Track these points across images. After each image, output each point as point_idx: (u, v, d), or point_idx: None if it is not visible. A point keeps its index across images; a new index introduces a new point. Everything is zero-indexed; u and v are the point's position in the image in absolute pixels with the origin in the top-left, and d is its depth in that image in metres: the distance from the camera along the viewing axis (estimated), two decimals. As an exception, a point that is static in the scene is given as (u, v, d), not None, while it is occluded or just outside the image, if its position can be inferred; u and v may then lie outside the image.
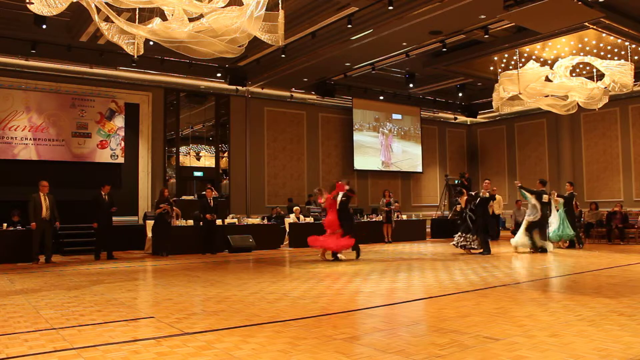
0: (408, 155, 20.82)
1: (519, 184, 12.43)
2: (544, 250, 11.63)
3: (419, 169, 21.19)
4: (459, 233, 11.57)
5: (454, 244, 11.63)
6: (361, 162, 19.50)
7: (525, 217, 12.06)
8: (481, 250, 11.42)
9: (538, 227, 11.79)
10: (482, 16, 11.75)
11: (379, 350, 3.74)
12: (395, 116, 20.51)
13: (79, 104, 14.50)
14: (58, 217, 11.00)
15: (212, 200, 12.80)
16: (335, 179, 18.80)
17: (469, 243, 11.33)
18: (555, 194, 13.23)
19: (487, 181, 12.39)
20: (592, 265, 8.94)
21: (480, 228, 11.42)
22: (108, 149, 14.83)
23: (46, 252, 10.82)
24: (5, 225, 11.28)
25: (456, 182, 20.54)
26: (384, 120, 20.24)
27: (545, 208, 11.97)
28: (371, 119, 19.90)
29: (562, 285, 6.86)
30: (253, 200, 17.33)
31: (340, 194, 10.75)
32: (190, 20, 7.14)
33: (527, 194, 12.03)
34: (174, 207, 12.70)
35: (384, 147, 20.22)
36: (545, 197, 11.94)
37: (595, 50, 14.11)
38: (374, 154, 19.91)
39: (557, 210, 12.97)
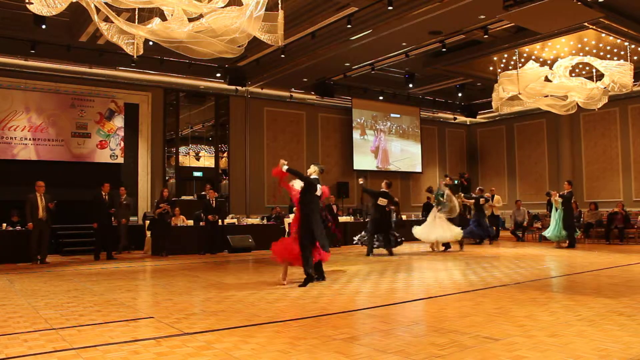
0: (407, 154, 20.83)
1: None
2: None
3: (419, 169, 21.19)
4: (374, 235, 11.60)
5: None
6: (361, 162, 19.50)
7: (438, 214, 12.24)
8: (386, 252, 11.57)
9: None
10: (482, 16, 11.75)
11: (378, 350, 3.74)
12: (395, 116, 20.51)
13: (78, 104, 14.49)
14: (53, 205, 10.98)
15: (214, 201, 12.80)
16: (335, 179, 18.94)
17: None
18: (557, 194, 13.25)
19: (385, 181, 12.15)
20: (592, 265, 8.94)
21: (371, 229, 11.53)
22: (107, 149, 14.82)
23: (42, 253, 10.80)
24: (4, 225, 11.28)
25: (455, 182, 20.53)
26: (384, 120, 20.24)
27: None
28: (371, 119, 19.90)
29: (562, 285, 6.86)
30: (253, 200, 17.32)
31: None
32: (190, 20, 7.14)
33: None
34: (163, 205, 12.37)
35: (384, 147, 20.22)
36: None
37: (594, 51, 14.11)
38: (374, 154, 19.92)
39: (557, 210, 13.00)
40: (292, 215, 14.81)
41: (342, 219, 15.46)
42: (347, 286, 6.97)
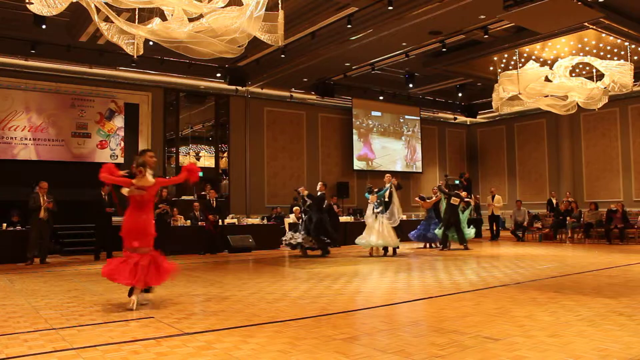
0: (408, 155, 20.84)
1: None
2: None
3: (419, 169, 21.19)
4: (296, 233, 11.44)
5: (287, 243, 11.49)
6: (361, 162, 19.51)
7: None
8: (320, 252, 11.33)
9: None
10: (482, 16, 11.76)
11: (378, 350, 3.74)
12: (395, 116, 20.51)
13: (78, 104, 14.49)
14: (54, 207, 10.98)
15: (214, 201, 12.81)
16: (335, 179, 18.94)
17: (304, 242, 11.25)
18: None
19: (320, 183, 11.90)
20: (592, 265, 8.94)
21: (315, 228, 11.15)
22: (108, 149, 14.82)
23: (42, 253, 10.80)
24: (5, 225, 11.28)
25: (456, 182, 20.52)
26: (384, 120, 20.24)
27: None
28: (371, 119, 19.91)
29: (562, 285, 6.86)
30: (253, 200, 17.32)
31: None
32: (190, 20, 7.14)
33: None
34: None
35: (383, 147, 20.21)
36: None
37: (595, 51, 14.11)
38: (374, 153, 19.93)
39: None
40: (292, 216, 14.82)
41: (343, 219, 15.47)
42: (347, 286, 6.97)
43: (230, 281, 7.63)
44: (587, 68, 14.53)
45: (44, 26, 11.88)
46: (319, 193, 11.51)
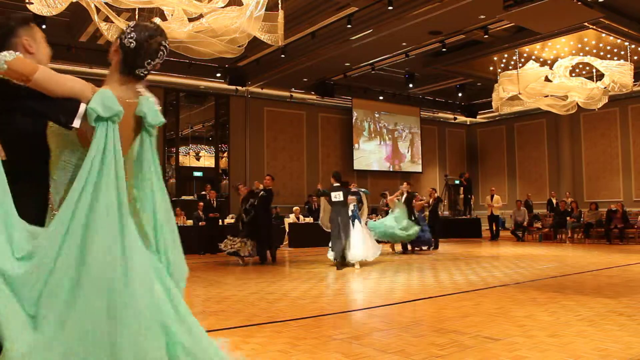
0: (408, 155, 20.85)
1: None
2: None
3: (419, 169, 21.19)
4: (233, 238, 9.79)
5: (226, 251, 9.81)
6: (361, 162, 19.51)
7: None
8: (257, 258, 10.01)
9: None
10: (482, 16, 11.76)
11: (378, 350, 3.74)
12: (395, 116, 20.52)
13: (78, 104, 14.48)
14: None
15: (214, 201, 12.84)
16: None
17: (237, 248, 9.63)
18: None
19: (267, 177, 10.46)
20: (592, 265, 8.94)
21: (255, 231, 9.75)
22: (108, 149, 14.80)
23: None
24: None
25: (456, 182, 20.54)
26: (384, 120, 20.24)
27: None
28: (371, 119, 19.91)
29: (562, 285, 6.86)
30: (253, 201, 17.30)
31: None
32: (190, 20, 7.14)
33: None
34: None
35: (383, 147, 20.22)
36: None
37: (594, 51, 14.12)
38: (374, 154, 19.93)
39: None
40: (292, 216, 14.83)
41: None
42: (348, 286, 6.97)
43: (230, 281, 7.63)
44: (587, 68, 14.53)
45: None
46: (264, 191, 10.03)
